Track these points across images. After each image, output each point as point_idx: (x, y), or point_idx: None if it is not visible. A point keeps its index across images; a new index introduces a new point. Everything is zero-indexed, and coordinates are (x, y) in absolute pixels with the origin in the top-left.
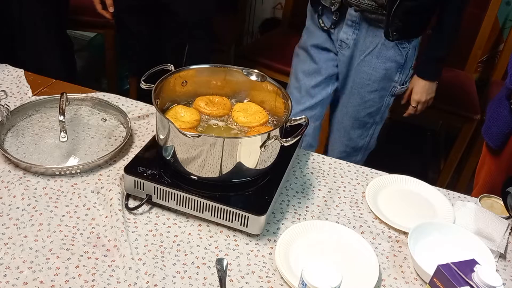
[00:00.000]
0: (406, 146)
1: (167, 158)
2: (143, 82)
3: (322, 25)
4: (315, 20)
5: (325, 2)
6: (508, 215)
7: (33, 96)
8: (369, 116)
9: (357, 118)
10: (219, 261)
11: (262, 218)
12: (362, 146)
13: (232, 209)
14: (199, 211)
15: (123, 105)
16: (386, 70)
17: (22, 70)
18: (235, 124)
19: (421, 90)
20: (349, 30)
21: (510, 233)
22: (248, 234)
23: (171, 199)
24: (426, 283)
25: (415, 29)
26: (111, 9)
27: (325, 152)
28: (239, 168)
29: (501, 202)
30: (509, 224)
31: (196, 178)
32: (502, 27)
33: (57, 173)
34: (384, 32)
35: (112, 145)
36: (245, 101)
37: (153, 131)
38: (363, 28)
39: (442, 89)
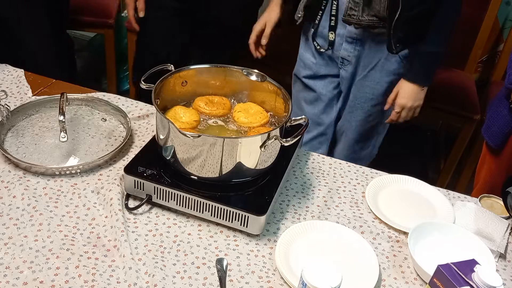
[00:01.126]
0: (406, 146)
1: (167, 158)
2: (143, 82)
3: (318, 47)
4: (309, 45)
5: (295, 17)
6: (508, 215)
7: (33, 96)
8: (372, 128)
9: (361, 132)
10: (219, 261)
11: (262, 218)
12: (364, 156)
13: (232, 209)
14: (199, 211)
15: (123, 105)
16: (389, 83)
17: (22, 70)
18: (235, 124)
19: (407, 94)
20: (349, 47)
21: (510, 233)
22: (248, 234)
23: (171, 199)
24: (426, 283)
25: (417, 36)
26: (142, 14)
27: None
28: (239, 168)
29: (501, 202)
30: (509, 224)
31: (196, 178)
32: (502, 27)
33: (57, 173)
34: (387, 46)
35: (112, 145)
36: (245, 101)
37: (153, 131)
38: (365, 43)
39: (442, 89)
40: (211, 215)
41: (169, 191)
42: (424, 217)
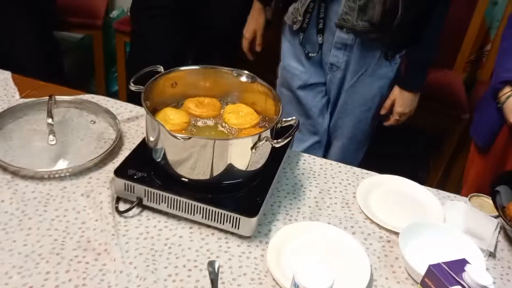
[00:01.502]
0: (396, 145)
1: (157, 161)
2: (132, 84)
3: (307, 52)
4: (296, 52)
5: (288, 21)
6: (497, 214)
7: (20, 98)
8: (363, 133)
9: (352, 137)
10: (211, 264)
11: (254, 220)
12: (354, 160)
13: (223, 211)
14: (190, 214)
15: (112, 107)
16: (379, 88)
17: (9, 72)
18: (226, 125)
19: (405, 102)
20: (339, 53)
21: (499, 232)
22: (240, 236)
23: (162, 202)
24: (418, 283)
25: (411, 40)
26: None
27: None
28: (230, 169)
29: (490, 201)
30: (498, 223)
31: (187, 180)
32: (489, 27)
33: (46, 176)
34: (384, 53)
35: (101, 147)
36: (236, 102)
37: (142, 133)
38: (354, 49)
39: (431, 89)
40: (202, 218)
41: (159, 194)
42: (415, 217)
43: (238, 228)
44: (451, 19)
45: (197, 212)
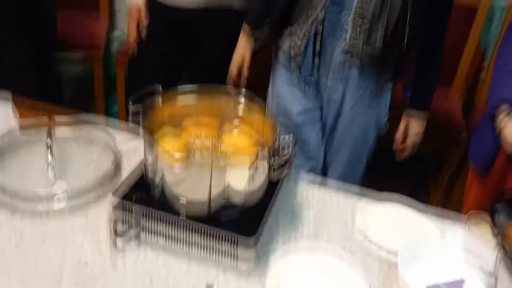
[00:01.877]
0: (395, 167)
1: (155, 183)
2: (131, 105)
3: (304, 76)
4: (293, 79)
5: (284, 46)
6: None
7: (19, 119)
8: (360, 157)
9: (349, 164)
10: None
11: (252, 242)
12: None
13: (222, 232)
14: (188, 235)
15: (111, 128)
16: (376, 109)
17: (10, 94)
18: (224, 146)
19: (420, 123)
20: (337, 76)
21: (499, 251)
22: (238, 271)
23: (160, 222)
24: None
25: (416, 63)
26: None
27: None
28: (228, 193)
29: (489, 229)
30: (498, 242)
31: (184, 201)
32: (484, 51)
33: (44, 198)
34: (391, 76)
35: (100, 169)
36: (234, 121)
37: (141, 155)
38: (353, 72)
39: (429, 112)
40: (201, 239)
41: (157, 215)
42: (414, 238)
43: (236, 260)
44: (446, 44)
45: (195, 232)
